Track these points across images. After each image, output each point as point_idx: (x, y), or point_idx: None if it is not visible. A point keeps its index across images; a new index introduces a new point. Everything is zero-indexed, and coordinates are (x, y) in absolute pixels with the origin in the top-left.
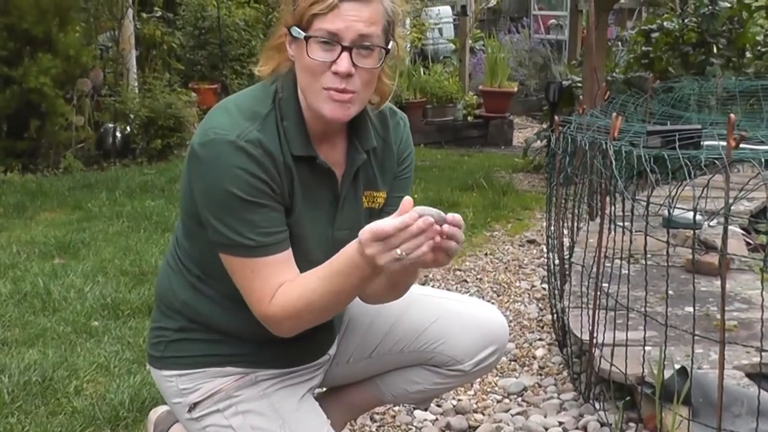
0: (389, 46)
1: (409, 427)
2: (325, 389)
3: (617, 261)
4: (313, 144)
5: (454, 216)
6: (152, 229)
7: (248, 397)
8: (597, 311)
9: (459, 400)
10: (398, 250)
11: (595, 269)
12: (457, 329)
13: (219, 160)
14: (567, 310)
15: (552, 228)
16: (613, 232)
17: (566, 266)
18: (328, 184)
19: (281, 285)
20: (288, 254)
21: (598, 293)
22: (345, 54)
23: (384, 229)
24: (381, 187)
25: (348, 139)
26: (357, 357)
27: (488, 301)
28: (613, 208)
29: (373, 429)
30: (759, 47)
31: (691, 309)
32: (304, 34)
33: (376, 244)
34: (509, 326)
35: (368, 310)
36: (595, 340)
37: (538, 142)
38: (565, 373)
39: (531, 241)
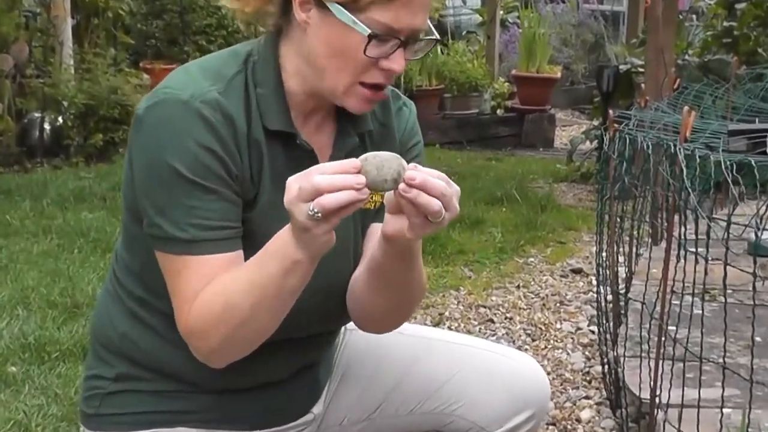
0: (435, 35)
1: None
2: None
3: (688, 298)
4: (293, 120)
5: (414, 171)
6: (89, 249)
7: None
8: (661, 362)
9: None
10: (311, 205)
11: (659, 308)
12: (483, 387)
13: (164, 124)
14: (622, 360)
15: (604, 254)
16: (683, 261)
17: (621, 303)
18: (307, 168)
19: None
20: (234, 257)
21: (663, 339)
22: (401, 51)
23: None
24: None
25: (336, 119)
26: (353, 419)
27: (520, 347)
28: (683, 229)
29: None
30: None
31: None
32: (363, 27)
33: (293, 186)
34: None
35: (369, 358)
36: (658, 400)
37: (587, 143)
38: None
39: (576, 271)
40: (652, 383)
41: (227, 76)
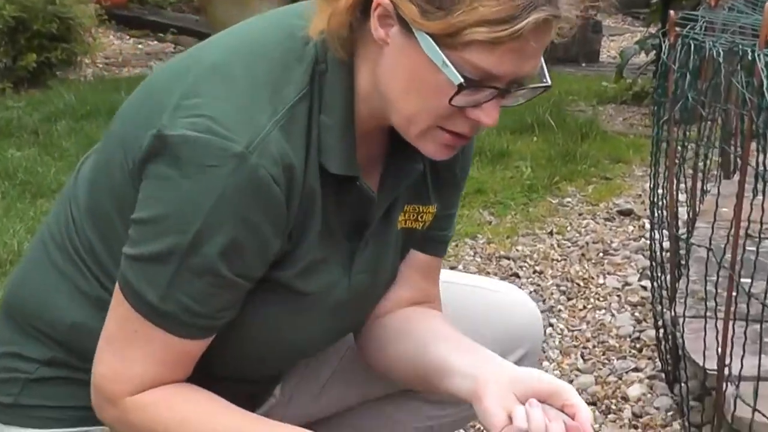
0: (547, 80)
1: None
2: None
3: (766, 243)
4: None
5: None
6: (16, 194)
7: None
8: (732, 323)
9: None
10: None
11: (729, 255)
12: (467, 327)
13: (208, 189)
14: (681, 321)
15: (660, 190)
16: (760, 196)
17: (682, 251)
18: (359, 213)
19: (163, 383)
20: (203, 346)
21: (734, 294)
22: (497, 102)
23: None
24: (432, 200)
25: (390, 135)
26: (329, 379)
27: (552, 308)
28: (762, 157)
29: None
30: None
31: None
32: (455, 73)
33: None
34: (586, 346)
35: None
36: (727, 371)
37: (642, 55)
38: (676, 425)
39: (625, 213)
40: (720, 350)
41: (289, 99)
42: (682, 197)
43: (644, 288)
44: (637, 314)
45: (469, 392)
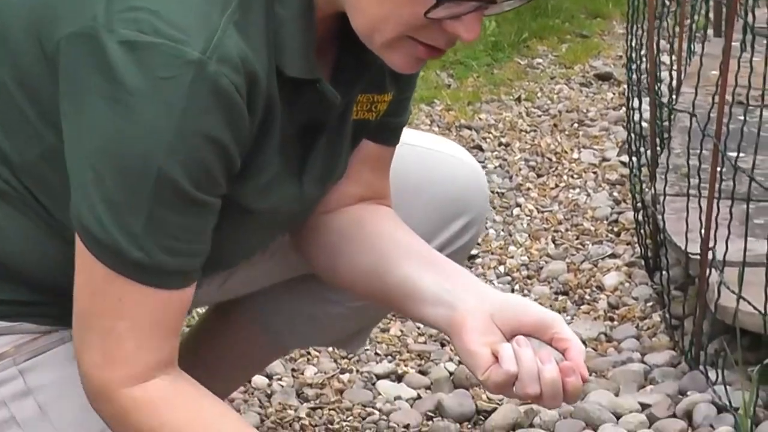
0: None
1: (369, 410)
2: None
3: (758, 110)
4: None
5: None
6: None
7: (46, 366)
8: (716, 201)
9: (458, 363)
10: None
11: (714, 126)
12: (399, 195)
13: (161, 105)
14: (662, 200)
15: (641, 51)
16: (750, 54)
17: (664, 120)
18: (314, 116)
19: (159, 361)
20: (191, 295)
21: (720, 168)
22: (478, 15)
23: None
24: (389, 88)
25: (344, 17)
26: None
27: (520, 186)
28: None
29: (302, 413)
30: None
31: None
32: None
33: None
34: (557, 229)
35: None
36: (711, 255)
37: None
38: (656, 318)
39: (603, 77)
40: (703, 232)
41: None
42: (666, 59)
43: (624, 164)
44: (615, 194)
45: (445, 323)
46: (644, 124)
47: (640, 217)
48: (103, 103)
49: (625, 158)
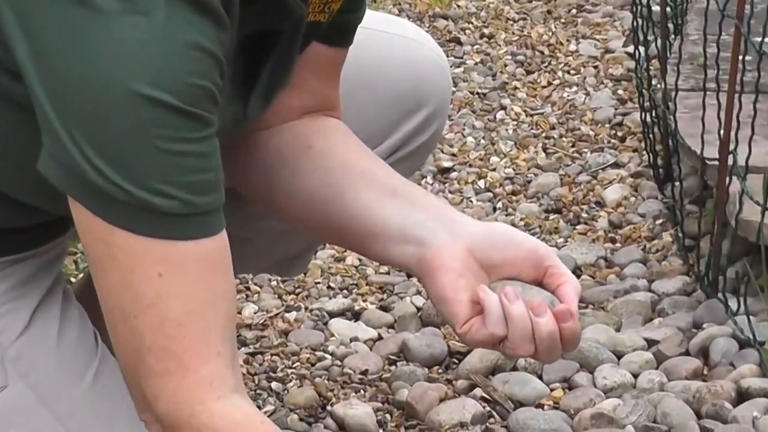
0: None
1: (320, 354)
2: None
3: None
4: None
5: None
6: None
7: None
8: (737, 96)
9: (428, 296)
10: None
11: (736, 7)
12: (349, 86)
13: (153, 30)
14: (674, 96)
15: None
16: None
17: (677, 2)
18: (266, 24)
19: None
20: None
21: (742, 56)
22: None
23: None
24: None
25: None
26: None
27: (506, 84)
28: None
29: (242, 359)
30: None
31: None
32: None
33: None
34: (550, 135)
35: None
36: (731, 159)
37: None
38: (666, 237)
39: None
40: (722, 132)
41: None
42: None
43: (631, 56)
44: (620, 92)
45: (414, 264)
46: (654, 8)
47: (649, 119)
48: (69, 27)
49: (631, 49)
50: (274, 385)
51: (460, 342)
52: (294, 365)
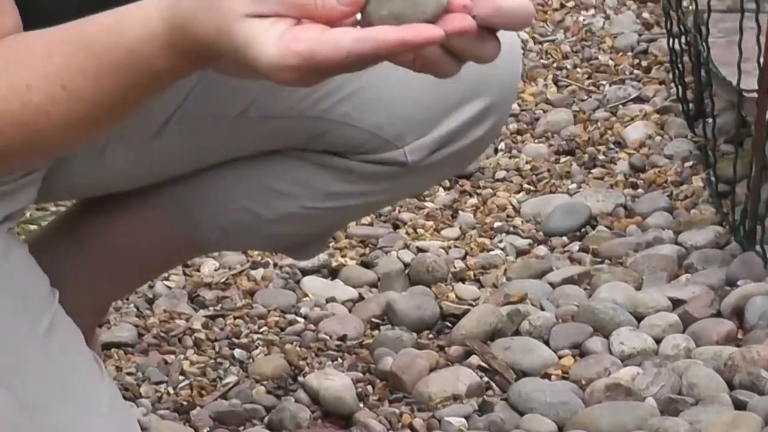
0: None
1: (291, 317)
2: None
3: None
4: None
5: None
6: None
7: None
8: None
9: (416, 251)
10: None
11: None
12: (389, 67)
13: None
14: (706, 18)
15: None
16: None
17: None
18: None
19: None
20: None
21: None
22: None
23: None
24: None
25: None
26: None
27: None
28: None
29: (197, 324)
30: None
31: None
32: None
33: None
34: (562, 65)
35: None
36: None
37: None
38: (697, 182)
39: None
40: (762, 60)
41: None
42: None
43: None
44: (645, 15)
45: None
46: None
47: (678, 46)
48: None
49: None
50: (237, 352)
51: (455, 303)
52: (261, 330)
